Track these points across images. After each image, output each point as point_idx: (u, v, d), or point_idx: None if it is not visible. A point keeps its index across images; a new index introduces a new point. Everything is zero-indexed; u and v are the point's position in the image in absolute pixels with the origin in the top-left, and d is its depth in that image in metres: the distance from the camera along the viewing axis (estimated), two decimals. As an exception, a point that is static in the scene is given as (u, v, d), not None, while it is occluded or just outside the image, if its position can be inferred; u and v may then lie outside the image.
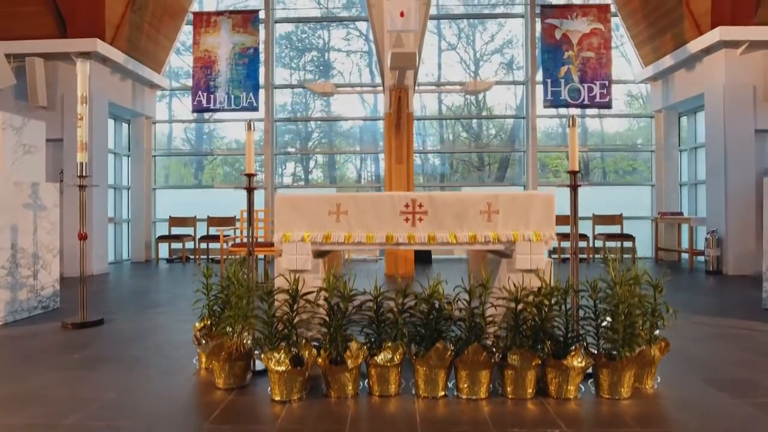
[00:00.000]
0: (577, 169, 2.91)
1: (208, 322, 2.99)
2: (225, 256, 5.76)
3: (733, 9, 6.73)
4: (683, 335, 3.53)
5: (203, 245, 8.82)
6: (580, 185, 2.87)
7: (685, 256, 8.25)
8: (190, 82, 9.40)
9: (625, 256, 8.62)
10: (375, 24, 6.86)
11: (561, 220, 8.57)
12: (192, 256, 8.99)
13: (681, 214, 8.39)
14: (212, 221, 8.97)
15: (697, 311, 4.50)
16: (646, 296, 2.57)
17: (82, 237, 4.11)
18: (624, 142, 9.90)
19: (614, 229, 8.61)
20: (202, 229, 8.98)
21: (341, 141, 10.38)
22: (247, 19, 8.71)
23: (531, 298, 2.54)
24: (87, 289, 4.19)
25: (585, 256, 8.53)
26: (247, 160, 3.01)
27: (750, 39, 6.72)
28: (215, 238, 8.53)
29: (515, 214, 2.80)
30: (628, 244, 8.47)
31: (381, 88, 7.91)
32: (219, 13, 8.74)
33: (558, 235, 8.94)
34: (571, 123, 2.92)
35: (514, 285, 2.57)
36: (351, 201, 2.83)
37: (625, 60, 9.54)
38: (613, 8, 8.59)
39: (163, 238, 8.76)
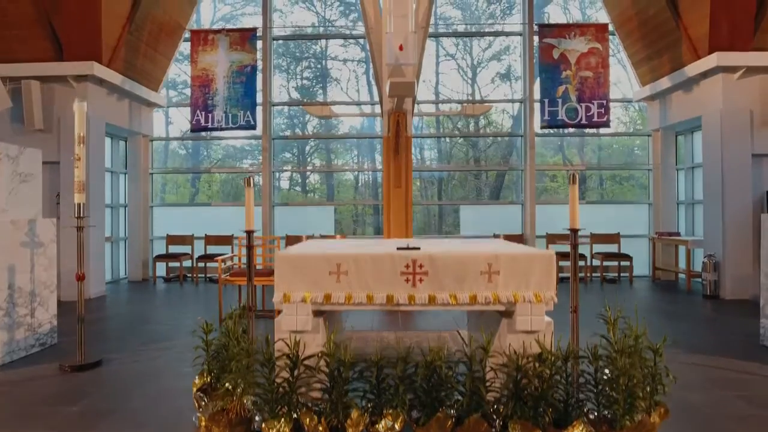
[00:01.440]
0: (577, 227, 2.92)
1: (208, 379, 2.98)
2: (223, 285, 5.74)
3: (731, 34, 6.75)
4: (682, 380, 3.52)
5: (201, 264, 8.81)
6: (580, 243, 2.86)
7: (682, 275, 8.27)
8: (187, 91, 9.42)
9: (623, 274, 8.66)
10: (374, 47, 6.87)
11: (561, 237, 8.68)
12: (189, 275, 8.96)
13: (678, 234, 8.42)
14: (210, 239, 8.95)
15: (696, 348, 4.51)
16: (647, 360, 2.58)
17: (80, 278, 4.08)
18: (620, 146, 9.90)
19: (612, 247, 8.63)
20: (199, 246, 8.96)
21: (338, 146, 10.37)
22: (244, 37, 8.70)
23: (532, 365, 2.54)
24: (84, 315, 4.13)
25: (583, 275, 8.54)
26: (246, 215, 2.99)
27: (747, 65, 6.74)
28: (212, 258, 8.51)
29: (516, 274, 2.80)
30: (625, 263, 8.50)
31: (379, 107, 7.90)
32: (216, 31, 8.73)
33: (558, 254, 8.86)
34: (571, 180, 2.92)
35: (515, 352, 2.57)
36: (351, 261, 2.82)
37: (621, 66, 9.53)
38: (610, 27, 8.62)
39: (160, 257, 8.73)
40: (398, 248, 3.09)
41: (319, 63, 10.33)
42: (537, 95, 8.60)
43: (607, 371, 2.50)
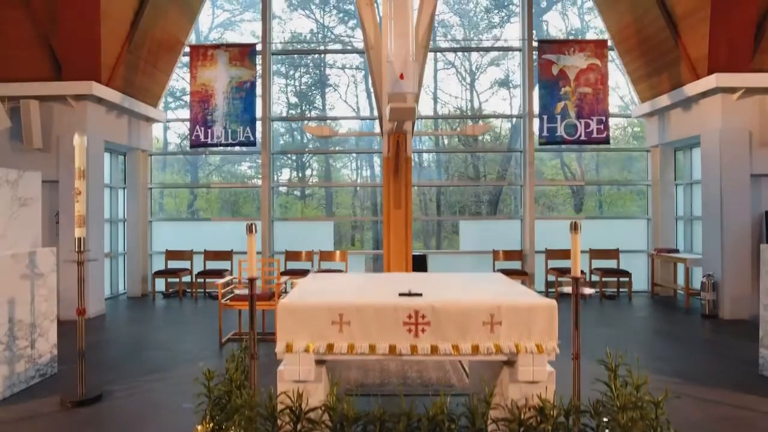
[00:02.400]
0: (579, 275, 2.93)
1: (210, 426, 2.98)
2: (223, 304, 5.73)
3: (730, 55, 6.77)
4: (682, 416, 3.53)
5: (200, 279, 8.80)
6: (585, 295, 2.88)
7: (681, 291, 8.29)
8: (186, 98, 9.42)
9: (622, 290, 8.68)
10: (373, 67, 6.86)
11: (561, 254, 8.67)
12: (189, 290, 8.95)
13: (677, 250, 8.44)
14: (209, 255, 8.94)
15: (695, 377, 4.52)
16: (648, 412, 2.60)
17: (81, 313, 4.08)
18: (618, 153, 9.91)
19: (611, 263, 8.64)
20: (198, 261, 8.94)
21: (338, 148, 10.40)
22: (243, 53, 8.70)
23: (534, 419, 2.55)
24: (84, 348, 4.12)
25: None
26: (249, 263, 2.99)
27: (746, 86, 6.76)
28: (212, 274, 8.52)
29: (518, 325, 2.80)
30: (624, 278, 8.52)
31: (379, 121, 7.89)
32: (216, 47, 8.72)
33: (555, 270, 8.75)
34: (573, 229, 2.93)
35: (517, 406, 2.58)
36: (354, 311, 2.82)
37: (620, 73, 9.52)
38: (610, 43, 8.64)
39: (159, 273, 8.71)
40: (400, 294, 3.09)
41: (317, 69, 10.34)
42: (536, 110, 8.63)
43: (608, 428, 2.51)
